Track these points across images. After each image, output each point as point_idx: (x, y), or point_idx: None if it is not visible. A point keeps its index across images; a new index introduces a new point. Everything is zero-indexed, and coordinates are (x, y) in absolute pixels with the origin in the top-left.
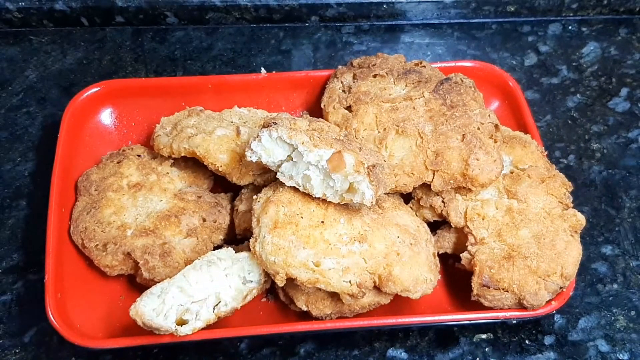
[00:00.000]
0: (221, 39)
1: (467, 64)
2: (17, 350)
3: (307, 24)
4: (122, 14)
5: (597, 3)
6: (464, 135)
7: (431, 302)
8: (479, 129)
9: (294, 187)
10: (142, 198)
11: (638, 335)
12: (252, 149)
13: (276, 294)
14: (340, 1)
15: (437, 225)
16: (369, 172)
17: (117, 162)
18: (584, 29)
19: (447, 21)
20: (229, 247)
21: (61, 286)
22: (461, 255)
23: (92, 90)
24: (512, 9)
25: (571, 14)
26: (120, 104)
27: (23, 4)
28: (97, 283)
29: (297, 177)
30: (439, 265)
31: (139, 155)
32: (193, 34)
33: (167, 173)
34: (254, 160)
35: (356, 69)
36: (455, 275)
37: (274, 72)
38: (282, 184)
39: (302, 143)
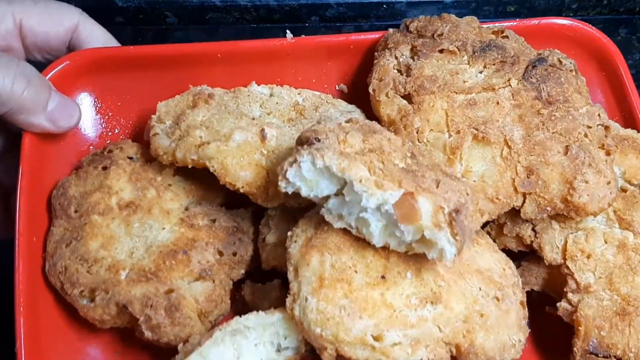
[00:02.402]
0: (221, 39)
1: (558, 21)
2: None
3: (307, 24)
4: (122, 14)
5: (597, 3)
6: (567, 146)
7: None
8: (586, 135)
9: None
10: (138, 224)
11: None
12: (287, 179)
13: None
14: (340, 1)
15: (522, 253)
16: (451, 222)
17: (103, 169)
18: None
19: None
20: (260, 312)
21: (38, 350)
22: (558, 304)
23: (59, 67)
24: (512, 9)
25: (571, 14)
26: (100, 80)
27: None
28: (83, 338)
29: (349, 219)
30: (527, 316)
31: (130, 158)
32: (193, 34)
33: (169, 185)
34: (289, 192)
35: (415, 39)
36: (543, 317)
37: (302, 35)
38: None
39: (360, 181)
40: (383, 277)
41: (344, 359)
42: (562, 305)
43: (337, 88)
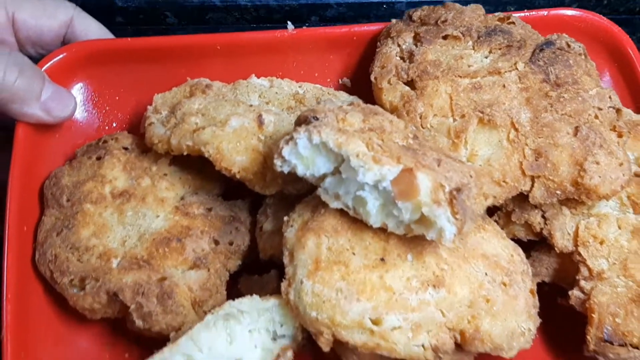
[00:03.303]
0: None
1: (567, 12)
2: None
3: (307, 24)
4: (122, 14)
5: (597, 3)
6: (577, 127)
7: (525, 356)
8: (596, 117)
9: (340, 209)
10: (131, 212)
11: None
12: (283, 157)
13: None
14: (340, 1)
15: (531, 244)
16: (451, 200)
17: (97, 159)
18: None
19: None
20: (254, 296)
21: (25, 340)
22: (570, 292)
23: (55, 58)
24: (512, 8)
25: None
26: (97, 73)
27: None
28: (73, 329)
29: (345, 198)
30: (538, 305)
31: (125, 149)
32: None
33: (165, 175)
34: (285, 171)
35: (418, 26)
36: (555, 311)
37: (304, 27)
38: (323, 202)
39: (357, 155)
40: (382, 259)
41: (341, 344)
42: (574, 293)
43: (340, 82)
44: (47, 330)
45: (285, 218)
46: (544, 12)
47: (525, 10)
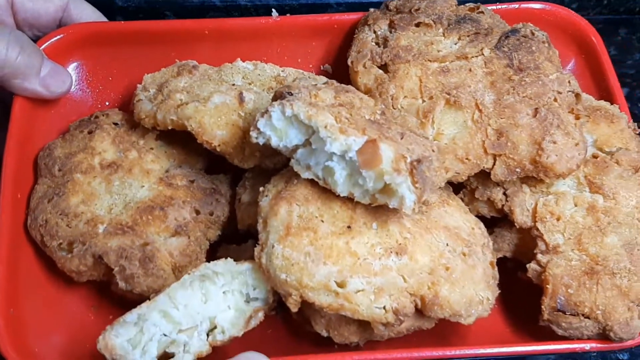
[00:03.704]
0: None
1: (536, 5)
2: None
3: None
4: (122, 14)
5: (597, 3)
6: (536, 109)
7: (485, 325)
8: (555, 100)
9: (312, 180)
10: (118, 182)
11: None
12: (258, 129)
13: (287, 308)
14: (340, 1)
15: (495, 221)
16: (412, 170)
17: (88, 133)
18: None
19: None
20: (228, 259)
21: (15, 298)
22: (528, 265)
23: (53, 39)
24: None
25: None
26: (93, 54)
27: None
28: (61, 291)
29: (316, 169)
30: (497, 277)
31: (115, 124)
32: None
33: (151, 149)
34: (260, 143)
35: (394, 14)
36: (516, 285)
37: (287, 15)
38: (297, 174)
39: (325, 127)
40: (349, 227)
41: (309, 307)
42: (532, 266)
43: (322, 68)
44: (36, 290)
45: (261, 189)
46: (515, 5)
47: (498, 3)
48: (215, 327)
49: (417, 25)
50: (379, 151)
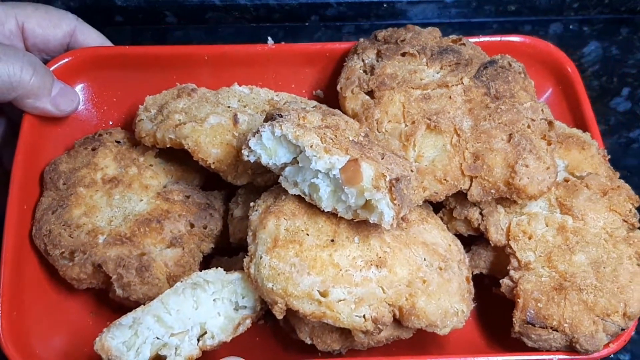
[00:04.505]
0: (221, 39)
1: (515, 39)
2: None
3: (307, 24)
4: (121, 13)
5: (598, 2)
6: (510, 134)
7: (461, 336)
8: (529, 127)
9: (299, 196)
10: (118, 196)
11: None
12: (250, 147)
13: (275, 317)
14: (341, 0)
15: (472, 239)
16: (390, 188)
17: (92, 150)
18: (585, 28)
19: (448, 21)
20: (219, 268)
21: (18, 302)
22: (501, 281)
23: (62, 61)
24: (513, 8)
25: (572, 14)
26: (98, 76)
27: None
28: (62, 297)
29: (302, 185)
30: (472, 291)
31: (118, 142)
32: (192, 33)
33: (150, 165)
34: (252, 161)
35: (381, 44)
36: (492, 300)
37: (282, 42)
38: (285, 191)
39: (311, 146)
40: (332, 240)
41: (294, 315)
42: (505, 282)
43: (314, 93)
44: (39, 296)
45: (252, 204)
46: (497, 38)
47: (481, 36)
48: (205, 333)
49: (403, 54)
50: (360, 169)
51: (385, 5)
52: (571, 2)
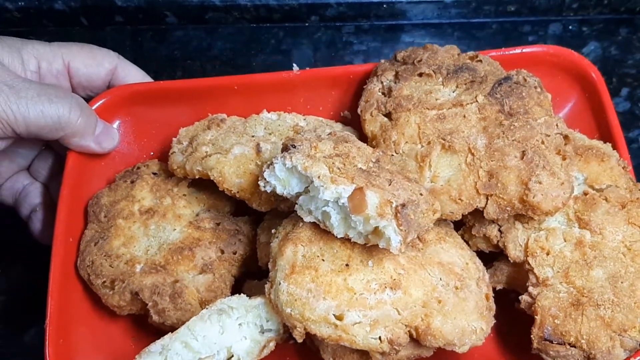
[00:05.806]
0: (221, 39)
1: (536, 49)
2: None
3: (307, 24)
4: (121, 14)
5: (598, 3)
6: (523, 151)
7: (485, 353)
8: (543, 142)
9: (314, 223)
10: (154, 226)
11: None
12: (265, 179)
13: None
14: (341, 1)
15: (495, 255)
16: (396, 214)
17: (131, 182)
18: (584, 28)
19: (448, 21)
20: (242, 295)
21: (64, 329)
22: (520, 297)
23: (101, 100)
24: (513, 8)
25: (572, 14)
26: (136, 111)
27: (22, 3)
28: (105, 324)
29: (316, 213)
30: (494, 308)
31: (154, 174)
32: (193, 33)
33: (184, 195)
34: (268, 191)
35: (399, 66)
36: (517, 315)
37: (307, 68)
38: (301, 218)
39: (319, 177)
40: (347, 265)
41: (316, 337)
42: (524, 298)
43: (342, 114)
44: (84, 323)
45: (273, 231)
46: (518, 50)
47: (502, 49)
48: (232, 356)
49: (420, 75)
50: (365, 198)
51: (385, 6)
52: (570, 3)
